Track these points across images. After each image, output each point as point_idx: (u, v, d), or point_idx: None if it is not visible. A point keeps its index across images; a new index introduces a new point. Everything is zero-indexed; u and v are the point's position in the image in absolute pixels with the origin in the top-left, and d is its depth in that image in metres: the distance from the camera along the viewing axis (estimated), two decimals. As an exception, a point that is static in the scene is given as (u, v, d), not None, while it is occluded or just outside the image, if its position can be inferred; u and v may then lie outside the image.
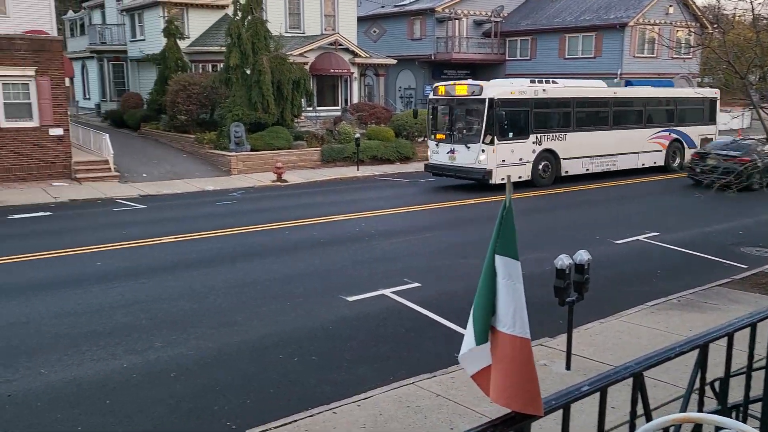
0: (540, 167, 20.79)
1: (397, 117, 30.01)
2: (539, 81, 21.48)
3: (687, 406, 3.39)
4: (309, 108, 31.02)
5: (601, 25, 36.53)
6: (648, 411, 2.90)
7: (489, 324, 2.41)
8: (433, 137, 21.13)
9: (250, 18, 25.57)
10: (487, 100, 19.16)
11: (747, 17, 12.46)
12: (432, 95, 21.43)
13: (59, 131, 22.42)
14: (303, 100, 28.20)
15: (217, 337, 8.29)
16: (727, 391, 3.46)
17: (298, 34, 33.13)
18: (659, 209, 17.62)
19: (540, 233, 13.95)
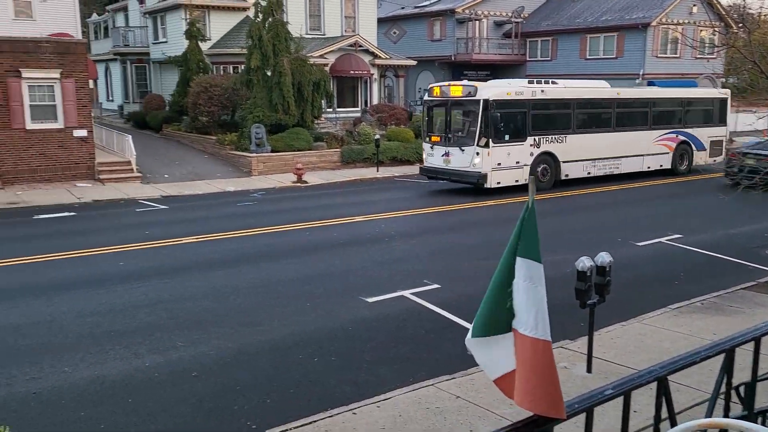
0: (538, 170, 20.06)
1: (417, 118, 29.95)
2: (538, 81, 20.81)
3: (713, 411, 3.35)
4: (329, 109, 31.14)
5: (623, 25, 36.22)
6: (673, 415, 2.87)
7: (491, 320, 2.44)
8: (428, 139, 20.59)
9: (271, 20, 25.72)
10: (482, 101, 18.61)
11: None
12: (427, 96, 20.88)
13: (83, 133, 22.74)
14: (323, 101, 28.32)
15: (238, 337, 8.35)
16: (754, 396, 3.42)
17: (318, 35, 33.27)
18: (681, 211, 17.40)
19: (554, 236, 13.83)
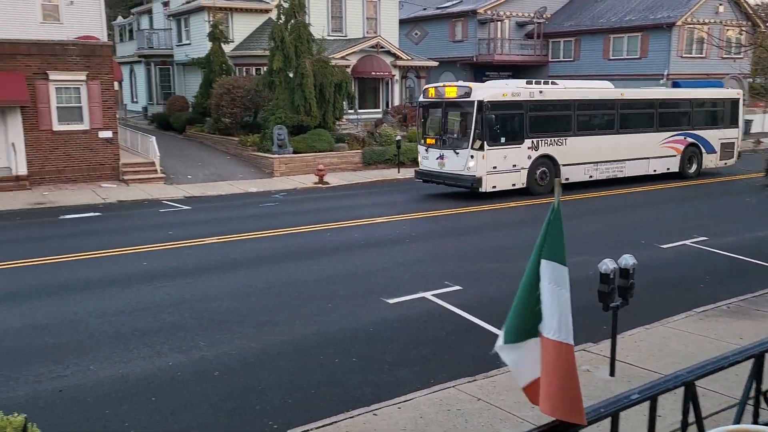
0: (537, 174, 19.46)
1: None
2: (537, 82, 20.28)
3: (741, 417, 3.30)
4: (350, 110, 31.21)
5: (647, 25, 35.81)
6: (700, 421, 2.82)
7: (523, 327, 2.40)
8: (423, 142, 20.12)
9: (293, 22, 25.86)
10: (476, 102, 18.07)
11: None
12: (422, 97, 20.43)
13: (108, 134, 23.04)
14: (345, 102, 28.40)
15: (260, 337, 8.40)
16: (784, 403, 3.35)
17: (340, 37, 33.37)
18: (704, 213, 17.14)
19: (572, 238, 13.66)
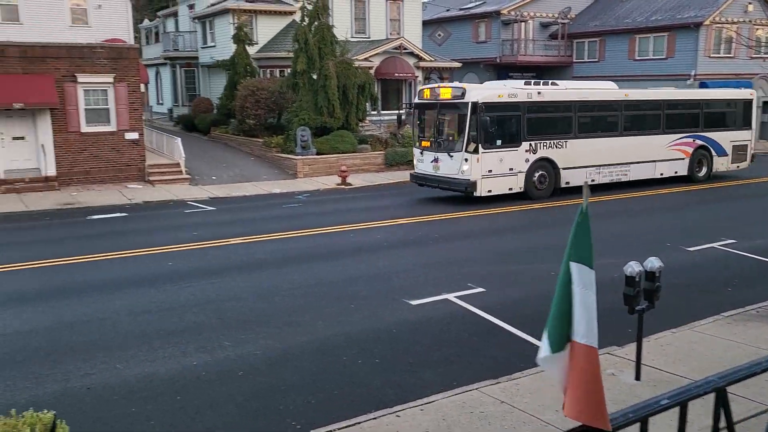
0: (535, 178, 18.96)
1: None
2: (536, 83, 19.85)
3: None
4: (373, 112, 31.27)
5: (674, 25, 35.35)
6: (732, 428, 2.78)
7: (565, 332, 2.38)
8: (418, 144, 19.75)
9: (316, 23, 25.99)
10: (470, 104, 17.61)
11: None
12: (417, 98, 20.01)
13: (134, 135, 23.37)
14: (368, 104, 28.45)
15: (284, 337, 8.45)
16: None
17: (363, 38, 33.46)
18: (726, 216, 16.87)
19: (601, 240, 13.56)
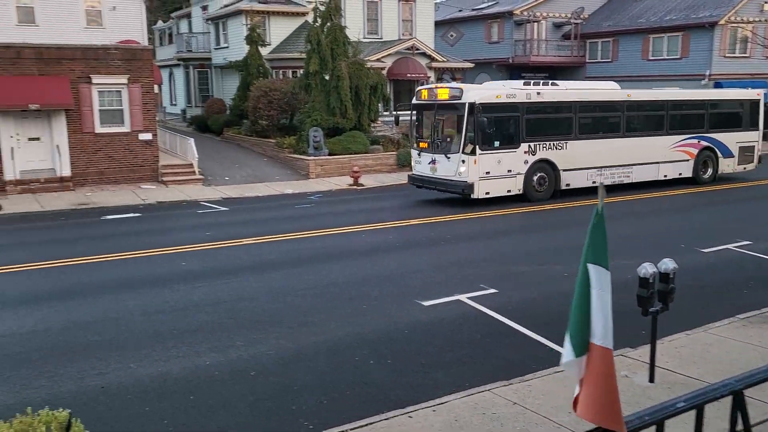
0: (534, 179, 18.70)
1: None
2: (536, 83, 19.58)
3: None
4: (386, 112, 31.27)
5: (689, 25, 35.09)
6: (749, 431, 2.76)
7: (587, 335, 2.36)
8: (416, 145, 19.60)
9: (329, 24, 26.05)
10: (467, 104, 17.39)
11: None
12: (415, 100, 19.80)
13: (148, 136, 23.53)
14: (380, 104, 28.46)
15: (296, 337, 8.47)
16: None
17: (375, 39, 33.48)
18: (736, 217, 16.68)
19: (614, 241, 13.44)
